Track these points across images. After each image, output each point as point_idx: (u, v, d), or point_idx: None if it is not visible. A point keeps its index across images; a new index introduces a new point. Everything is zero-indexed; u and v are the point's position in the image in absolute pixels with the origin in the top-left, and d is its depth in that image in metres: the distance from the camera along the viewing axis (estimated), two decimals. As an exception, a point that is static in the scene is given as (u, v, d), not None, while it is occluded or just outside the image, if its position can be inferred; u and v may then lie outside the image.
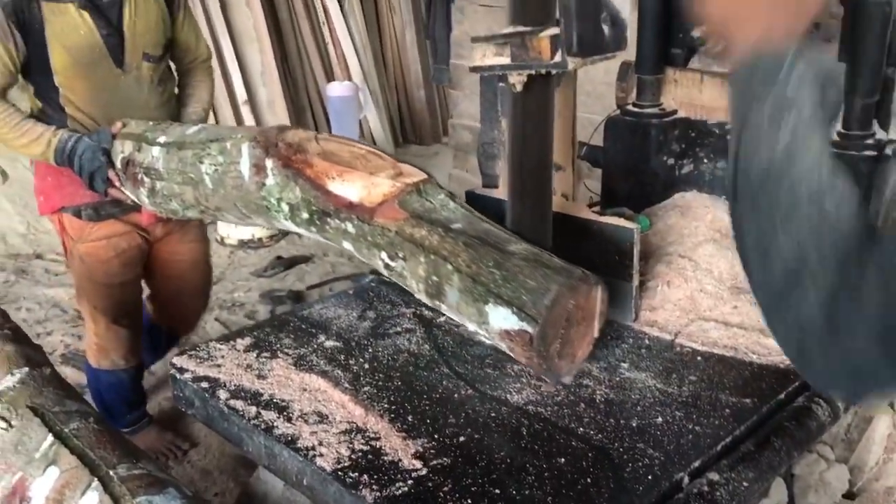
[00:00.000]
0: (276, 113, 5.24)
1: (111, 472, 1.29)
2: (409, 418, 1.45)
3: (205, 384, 1.57)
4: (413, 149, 6.35)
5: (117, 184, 2.16)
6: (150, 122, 2.18)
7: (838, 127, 1.84)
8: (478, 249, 1.47)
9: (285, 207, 1.68)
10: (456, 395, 1.52)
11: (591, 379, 1.56)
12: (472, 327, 1.54)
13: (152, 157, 1.99)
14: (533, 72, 1.45)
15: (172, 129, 2.06)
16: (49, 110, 2.24)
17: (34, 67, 2.17)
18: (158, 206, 2.05)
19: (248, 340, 1.73)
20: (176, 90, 2.49)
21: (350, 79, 5.71)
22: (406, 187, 1.61)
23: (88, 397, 2.56)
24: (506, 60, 1.48)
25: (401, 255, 1.55)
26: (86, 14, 2.14)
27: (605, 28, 1.37)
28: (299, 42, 5.60)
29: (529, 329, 1.37)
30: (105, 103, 2.23)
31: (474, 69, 1.55)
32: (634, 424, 1.42)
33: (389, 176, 1.64)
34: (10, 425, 1.41)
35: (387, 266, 1.59)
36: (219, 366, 1.63)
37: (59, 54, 2.15)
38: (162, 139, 2.01)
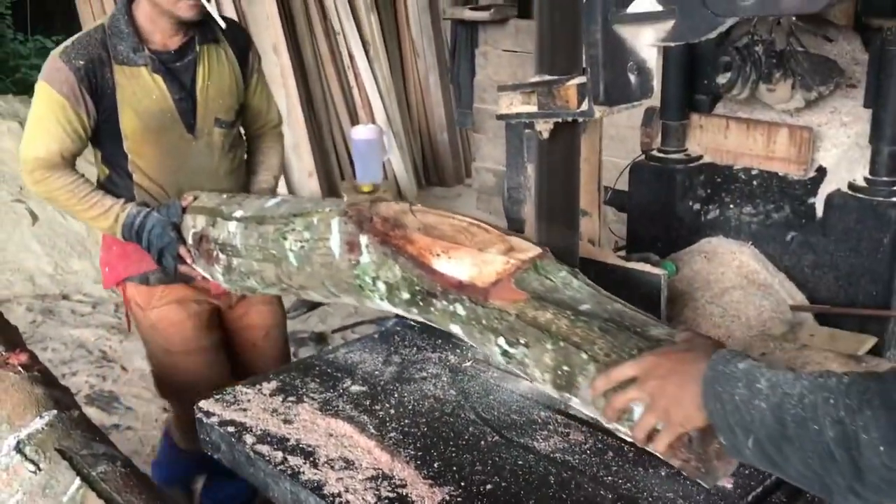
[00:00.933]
0: (301, 156, 5.31)
1: (137, 517, 1.29)
2: (436, 465, 1.44)
3: (231, 428, 1.57)
4: (436, 190, 6.40)
5: (189, 260, 2.09)
6: (224, 195, 2.09)
7: (865, 173, 1.84)
8: (616, 335, 1.31)
9: (382, 287, 1.56)
10: (482, 442, 1.51)
11: (619, 426, 1.54)
12: (611, 425, 1.34)
13: (228, 233, 1.90)
14: (559, 120, 1.46)
15: (249, 203, 1.96)
16: (116, 177, 2.19)
17: (104, 133, 2.13)
18: (234, 283, 1.97)
19: (274, 384, 1.73)
20: (244, 156, 2.42)
21: (374, 122, 5.79)
22: (521, 264, 1.47)
23: (116, 436, 2.57)
24: (532, 108, 1.50)
25: (522, 341, 1.40)
26: (158, 78, 2.10)
27: (632, 77, 1.38)
28: (324, 86, 5.69)
29: None
30: (174, 170, 2.18)
31: (501, 117, 1.57)
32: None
33: (500, 251, 1.50)
34: (39, 468, 1.41)
35: (504, 353, 1.44)
36: (245, 410, 1.63)
37: (130, 119, 2.10)
38: (238, 213, 1.91)
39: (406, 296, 1.53)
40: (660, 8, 1.32)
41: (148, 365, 2.49)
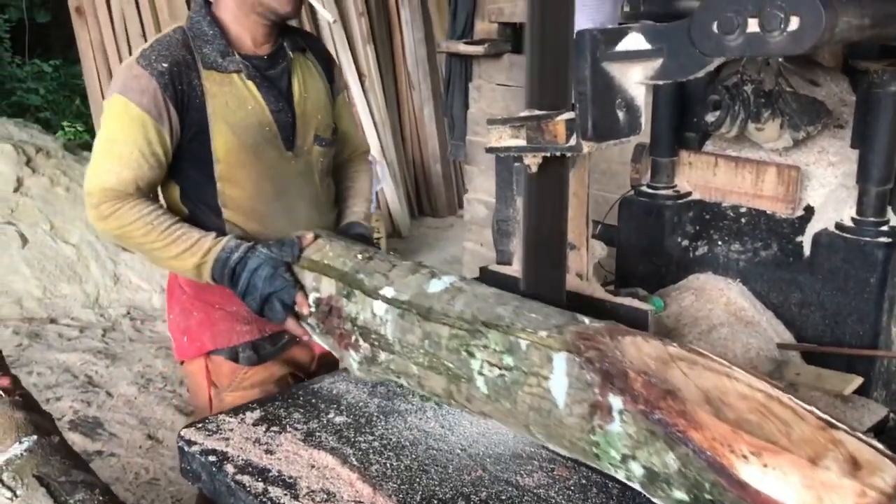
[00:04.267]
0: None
1: (114, 547, 1.27)
2: (418, 497, 1.42)
3: (212, 458, 1.56)
4: (428, 220, 6.42)
5: (305, 311, 1.68)
6: (354, 247, 1.68)
7: (852, 213, 1.85)
8: None
9: (637, 470, 1.15)
10: (466, 476, 1.50)
11: (604, 463, 1.52)
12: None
13: (374, 316, 1.54)
14: (548, 154, 1.47)
15: (400, 275, 1.56)
16: (201, 214, 1.83)
17: (187, 157, 1.78)
18: (375, 375, 1.61)
19: (257, 414, 1.72)
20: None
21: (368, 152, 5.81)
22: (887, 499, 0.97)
23: (99, 463, 2.53)
24: (521, 142, 1.51)
25: None
26: (252, 86, 1.78)
27: (620, 114, 1.39)
28: (320, 115, 5.72)
29: None
30: (273, 198, 1.84)
31: (490, 150, 1.58)
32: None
33: (840, 465, 0.99)
34: (16, 495, 1.39)
35: None
36: (227, 439, 1.62)
37: (223, 134, 1.75)
38: (388, 291, 1.53)
39: (682, 497, 1.09)
40: (649, 47, 1.34)
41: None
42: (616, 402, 1.14)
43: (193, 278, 1.80)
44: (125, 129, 1.72)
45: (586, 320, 1.35)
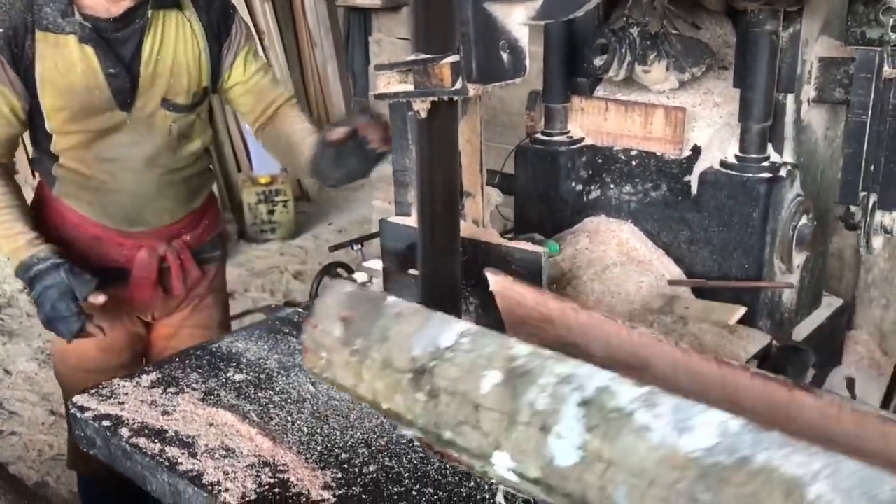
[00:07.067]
0: (195, 147, 5.18)
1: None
2: (319, 449, 1.43)
3: (106, 422, 1.52)
4: (337, 182, 6.31)
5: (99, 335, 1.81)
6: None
7: (736, 150, 1.92)
8: None
9: None
10: (367, 423, 1.51)
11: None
12: None
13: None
14: (436, 98, 1.46)
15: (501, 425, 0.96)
16: (42, 159, 1.92)
17: (35, 108, 1.83)
18: None
19: (153, 376, 1.68)
20: (210, 167, 2.15)
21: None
22: None
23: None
24: (409, 87, 1.49)
25: None
26: (88, 49, 1.78)
27: (504, 55, 1.39)
28: (218, 76, 5.54)
29: None
30: (104, 155, 1.88)
31: (379, 96, 1.56)
32: None
33: None
34: None
35: None
36: (122, 403, 1.58)
37: (50, 97, 1.80)
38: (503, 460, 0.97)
39: None
40: (528, -14, 1.34)
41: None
42: None
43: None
44: None
45: None
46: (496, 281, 1.40)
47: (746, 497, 0.75)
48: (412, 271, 1.88)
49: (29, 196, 2.01)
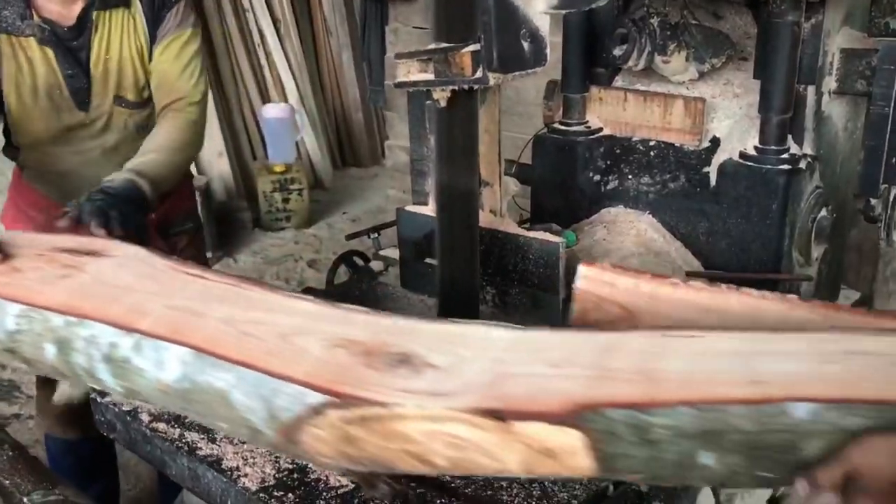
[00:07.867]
0: (211, 136, 5.19)
1: (25, 500, 1.25)
2: (337, 435, 1.43)
3: (126, 407, 1.53)
4: (352, 171, 6.34)
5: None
6: None
7: (755, 142, 1.91)
8: None
9: None
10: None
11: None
12: None
13: None
14: (456, 87, 1.47)
15: None
16: (9, 149, 2.07)
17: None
18: None
19: (173, 362, 1.69)
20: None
21: (286, 101, 5.68)
22: None
23: (17, 426, 2.46)
24: (430, 76, 1.50)
25: None
26: (49, 51, 1.87)
27: (525, 44, 1.39)
28: (234, 64, 5.56)
29: None
30: (64, 150, 1.97)
31: (399, 85, 1.56)
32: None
33: None
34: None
35: None
36: (142, 388, 1.59)
37: (12, 95, 1.90)
38: None
39: None
40: (550, -25, 1.34)
41: None
42: None
43: None
44: None
45: None
46: (585, 272, 1.37)
47: (199, 405, 1.14)
48: (429, 260, 1.89)
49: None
